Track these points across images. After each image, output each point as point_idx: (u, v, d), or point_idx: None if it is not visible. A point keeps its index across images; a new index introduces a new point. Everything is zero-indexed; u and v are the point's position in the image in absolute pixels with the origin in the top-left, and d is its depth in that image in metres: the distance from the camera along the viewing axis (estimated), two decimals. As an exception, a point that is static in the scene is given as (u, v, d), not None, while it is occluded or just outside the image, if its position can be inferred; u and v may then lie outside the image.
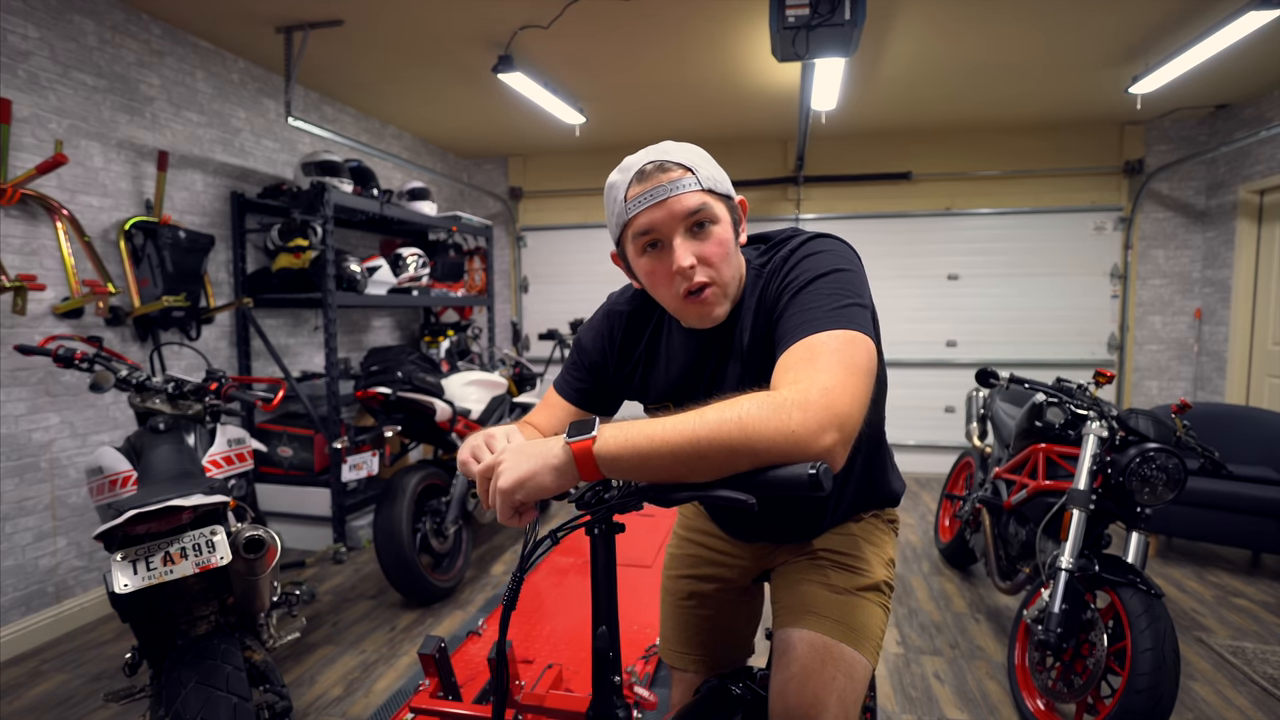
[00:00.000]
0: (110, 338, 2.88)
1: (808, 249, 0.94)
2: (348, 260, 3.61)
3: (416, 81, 4.02)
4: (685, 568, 1.31)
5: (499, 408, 3.63)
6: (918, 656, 2.49)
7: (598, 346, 1.12)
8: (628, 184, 0.92)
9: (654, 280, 0.95)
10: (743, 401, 0.72)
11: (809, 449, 0.69)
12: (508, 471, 0.76)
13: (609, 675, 0.85)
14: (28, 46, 2.59)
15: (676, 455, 0.71)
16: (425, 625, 2.73)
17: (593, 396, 1.13)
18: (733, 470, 0.72)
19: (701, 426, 0.71)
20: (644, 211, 0.91)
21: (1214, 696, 2.21)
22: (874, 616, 1.10)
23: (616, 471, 0.74)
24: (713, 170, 0.95)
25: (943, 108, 4.57)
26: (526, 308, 6.07)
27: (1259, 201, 4.44)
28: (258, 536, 1.52)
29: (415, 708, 1.34)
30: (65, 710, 2.14)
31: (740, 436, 0.69)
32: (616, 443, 0.73)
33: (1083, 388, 2.31)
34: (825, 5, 2.37)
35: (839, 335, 0.80)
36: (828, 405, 0.71)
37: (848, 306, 0.84)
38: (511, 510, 0.78)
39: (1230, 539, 3.22)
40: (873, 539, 1.18)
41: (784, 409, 0.70)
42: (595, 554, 0.85)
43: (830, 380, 0.74)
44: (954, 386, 5.20)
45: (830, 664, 1.03)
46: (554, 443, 0.76)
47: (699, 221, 0.91)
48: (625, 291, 1.14)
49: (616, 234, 0.98)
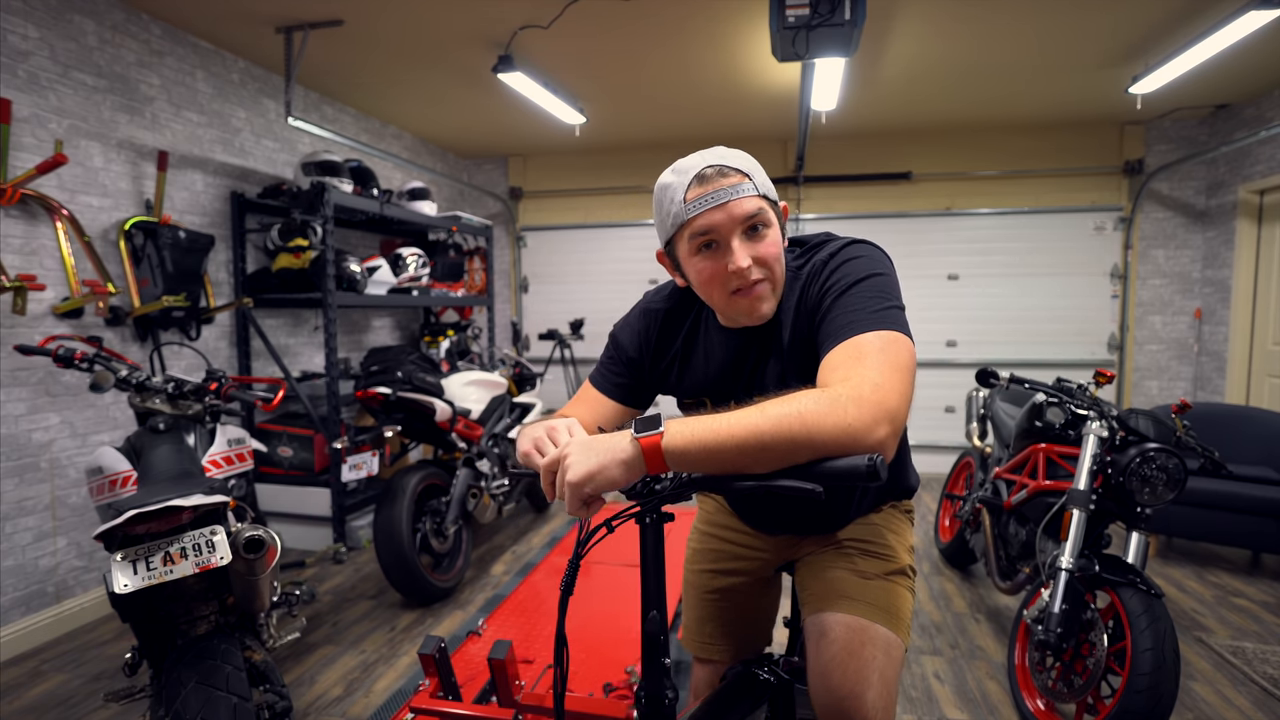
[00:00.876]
0: (110, 338, 2.88)
1: (847, 254, 0.99)
2: (348, 260, 3.61)
3: (416, 81, 4.02)
4: (708, 562, 1.35)
5: (499, 408, 3.63)
6: (918, 656, 2.49)
7: (635, 343, 1.16)
8: (686, 186, 0.96)
9: (708, 278, 0.99)
10: (800, 397, 0.77)
11: (864, 441, 0.74)
12: (576, 465, 0.78)
13: (659, 657, 0.88)
14: (28, 46, 2.59)
15: (742, 448, 0.75)
16: (425, 625, 2.73)
17: (631, 391, 1.17)
18: (793, 462, 0.76)
19: (764, 421, 0.75)
20: (704, 213, 0.95)
21: (1214, 696, 2.21)
22: (903, 599, 1.15)
23: (683, 465, 0.79)
24: (765, 177, 1.00)
25: (943, 107, 4.57)
26: (526, 308, 6.07)
27: (1259, 201, 4.44)
28: (258, 536, 1.52)
29: (415, 708, 1.34)
30: (65, 710, 2.14)
31: (801, 430, 0.74)
32: (683, 437, 0.77)
33: (1083, 388, 2.31)
34: (825, 5, 2.37)
35: (883, 335, 0.86)
36: (880, 401, 0.76)
37: (889, 309, 0.90)
38: (580, 502, 0.81)
39: (1230, 539, 3.21)
40: (894, 527, 1.23)
41: (840, 404, 0.75)
42: (645, 543, 0.89)
43: (879, 377, 0.79)
44: (954, 386, 5.20)
45: (869, 644, 1.07)
46: (621, 437, 0.80)
47: (755, 225, 0.96)
48: (662, 290, 1.18)
49: (670, 234, 1.01)
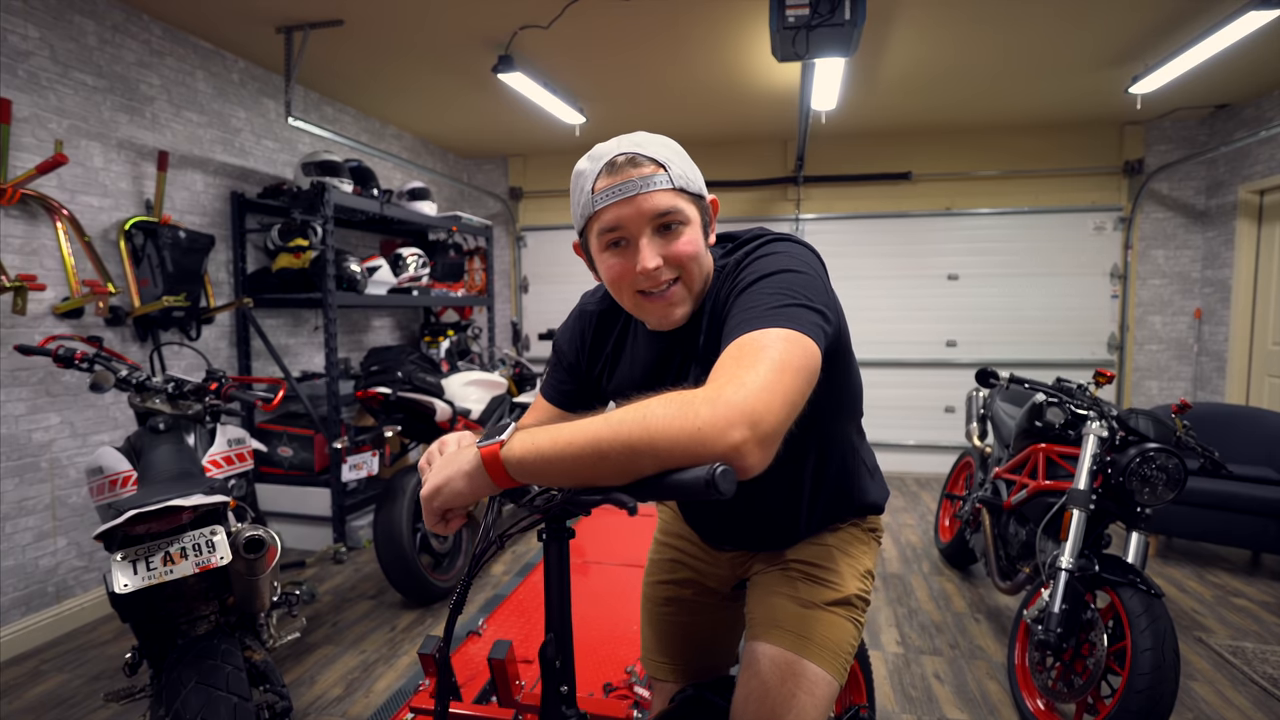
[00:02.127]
0: (110, 338, 2.88)
1: (762, 250, 0.90)
2: (348, 260, 3.61)
3: (416, 81, 4.02)
4: (663, 573, 1.30)
5: (499, 408, 3.63)
6: (918, 656, 2.49)
7: (572, 348, 1.12)
8: (596, 174, 0.89)
9: (616, 278, 0.92)
10: (652, 401, 0.69)
11: (714, 447, 0.64)
12: (429, 479, 0.77)
13: (557, 685, 0.82)
14: (28, 46, 2.59)
15: (579, 458, 0.68)
16: (425, 625, 2.73)
17: (574, 397, 1.13)
18: (637, 473, 0.68)
19: (605, 428, 0.67)
20: (611, 207, 0.87)
21: (1214, 696, 2.21)
22: (841, 631, 1.06)
23: (525, 476, 0.72)
24: (685, 167, 0.91)
25: (943, 107, 4.57)
26: (526, 308, 6.07)
27: (1259, 201, 4.44)
28: (258, 536, 1.52)
29: (415, 708, 1.34)
30: (65, 710, 2.14)
31: (642, 436, 0.65)
32: (523, 447, 0.71)
33: (1083, 388, 2.31)
34: (825, 5, 2.37)
35: (773, 333, 0.75)
36: (739, 401, 0.65)
37: (789, 306, 0.79)
38: (435, 517, 0.78)
39: (1230, 539, 3.21)
40: (849, 549, 1.14)
41: (690, 406, 0.66)
42: (546, 559, 0.83)
43: (752, 377, 0.69)
44: (954, 386, 5.20)
45: (790, 680, 1.00)
46: (471, 449, 0.76)
47: (667, 223, 0.88)
48: (596, 291, 1.12)
49: (580, 225, 0.94)
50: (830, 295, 0.87)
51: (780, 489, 1.05)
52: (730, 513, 1.13)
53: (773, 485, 0.76)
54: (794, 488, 1.07)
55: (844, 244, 5.37)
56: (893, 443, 5.30)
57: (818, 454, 1.06)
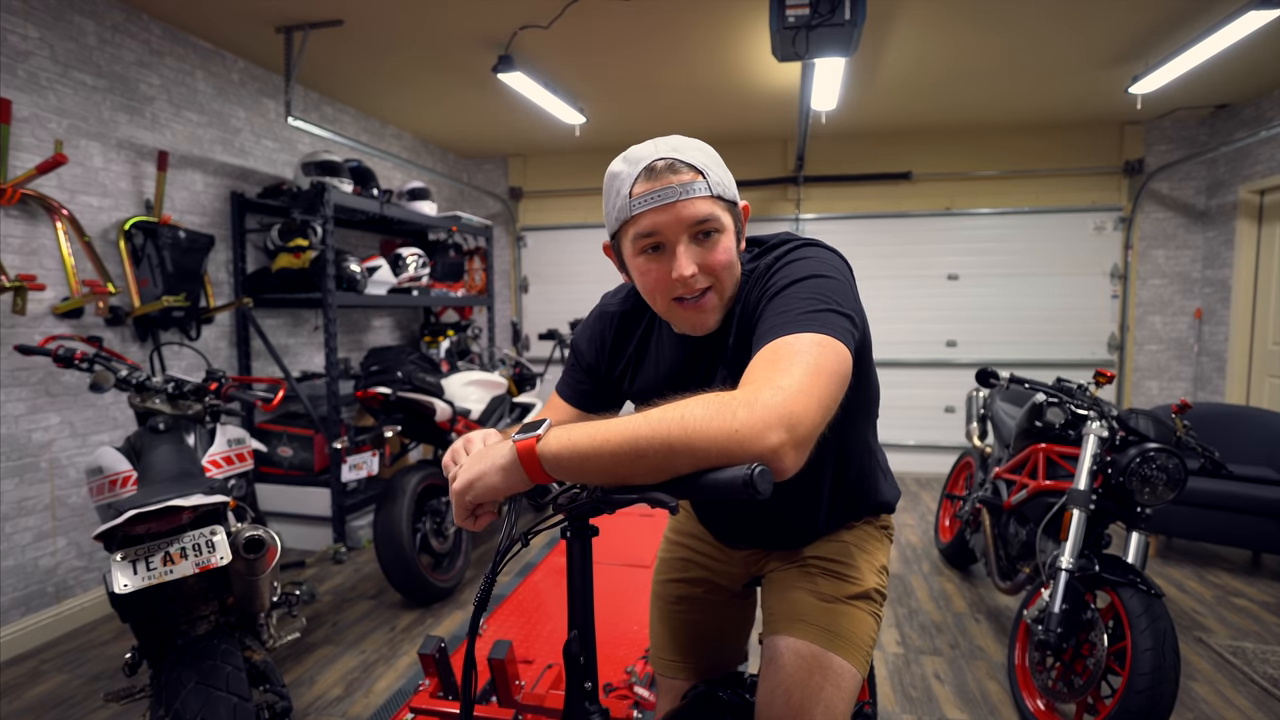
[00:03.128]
0: (110, 338, 2.88)
1: (792, 255, 0.91)
2: (348, 260, 3.61)
3: (416, 81, 4.02)
4: (674, 572, 1.30)
5: (499, 408, 3.63)
6: (918, 656, 2.49)
7: (591, 348, 1.12)
8: (634, 178, 0.88)
9: (650, 282, 0.93)
10: (689, 401, 0.69)
11: (752, 448, 0.65)
12: (461, 473, 0.77)
13: (581, 681, 0.83)
14: (28, 46, 2.59)
15: (616, 455, 0.68)
16: (425, 625, 2.73)
17: (592, 397, 1.13)
18: (672, 472, 0.68)
19: (643, 425, 0.68)
20: (649, 212, 0.88)
21: (1214, 696, 2.21)
22: (863, 625, 1.08)
23: (560, 472, 0.72)
24: (723, 174, 0.92)
25: (943, 107, 4.57)
26: (526, 308, 6.07)
27: (1259, 201, 4.44)
28: (258, 536, 1.52)
29: (415, 708, 1.34)
30: (65, 710, 2.14)
31: (680, 435, 0.66)
32: (559, 442, 0.71)
33: (1083, 388, 2.31)
34: (825, 5, 2.37)
35: (807, 338, 0.77)
36: (778, 404, 0.67)
37: (822, 311, 0.80)
38: (465, 512, 0.78)
39: (1230, 539, 3.21)
40: (865, 546, 1.16)
41: (729, 407, 0.67)
42: (570, 557, 0.83)
43: (788, 380, 0.70)
44: (954, 386, 5.20)
45: (818, 673, 1.01)
46: (506, 444, 0.76)
47: (705, 230, 0.89)
48: (619, 292, 1.13)
49: (615, 228, 0.94)
50: (858, 300, 0.88)
51: (802, 489, 1.06)
52: (749, 512, 1.14)
53: (795, 486, 0.77)
54: (815, 488, 1.08)
55: (844, 244, 5.28)
56: (893, 442, 5.30)
57: (839, 455, 1.08)
